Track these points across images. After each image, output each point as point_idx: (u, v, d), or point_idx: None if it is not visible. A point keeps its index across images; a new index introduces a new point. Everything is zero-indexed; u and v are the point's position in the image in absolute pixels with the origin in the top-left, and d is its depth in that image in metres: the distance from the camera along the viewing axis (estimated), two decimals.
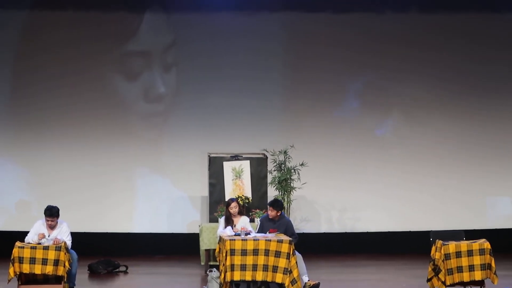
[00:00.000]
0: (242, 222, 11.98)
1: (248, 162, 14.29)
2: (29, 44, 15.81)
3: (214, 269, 11.75)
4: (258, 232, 11.75)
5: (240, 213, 12.20)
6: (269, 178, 14.49)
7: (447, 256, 10.58)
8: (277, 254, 10.65)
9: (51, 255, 10.65)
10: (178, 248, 15.55)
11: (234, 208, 12.08)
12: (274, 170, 14.61)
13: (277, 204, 11.82)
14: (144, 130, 15.99)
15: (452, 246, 10.63)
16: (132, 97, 15.99)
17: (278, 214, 11.76)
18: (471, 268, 10.63)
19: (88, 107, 15.83)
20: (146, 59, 15.99)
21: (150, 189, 15.87)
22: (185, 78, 16.03)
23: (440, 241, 10.70)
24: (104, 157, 15.84)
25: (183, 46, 16.00)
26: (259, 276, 10.65)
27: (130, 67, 15.98)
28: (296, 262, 10.76)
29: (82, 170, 15.78)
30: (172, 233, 15.78)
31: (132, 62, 15.97)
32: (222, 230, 11.75)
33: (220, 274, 10.86)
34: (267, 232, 11.52)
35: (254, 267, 10.64)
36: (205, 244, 13.59)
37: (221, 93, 16.01)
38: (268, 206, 11.92)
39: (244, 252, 10.63)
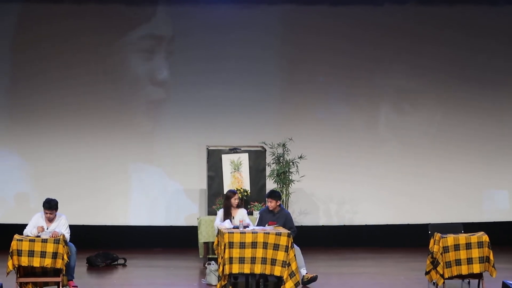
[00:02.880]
0: (240, 214, 11.98)
1: (246, 155, 14.28)
2: (27, 35, 15.76)
3: (213, 262, 11.77)
4: (258, 224, 11.78)
5: (239, 205, 12.22)
6: (268, 171, 14.49)
7: (445, 249, 10.60)
8: (276, 247, 10.66)
9: (50, 248, 10.65)
10: (176, 241, 15.55)
11: (236, 200, 12.10)
12: (273, 163, 14.61)
13: (274, 194, 11.88)
14: (143, 123, 15.96)
15: (450, 239, 10.64)
16: (130, 91, 15.96)
17: (278, 204, 11.80)
18: (470, 261, 10.65)
19: (86, 100, 15.80)
20: (145, 52, 15.95)
21: (148, 182, 15.86)
22: (184, 70, 16.00)
23: (439, 234, 10.72)
24: (102, 150, 15.82)
25: (181, 39, 15.97)
26: (258, 269, 10.66)
27: (127, 60, 15.94)
28: (295, 255, 10.77)
29: (80, 162, 15.76)
30: (171, 226, 15.78)
31: (129, 55, 15.94)
32: (221, 222, 11.75)
33: (219, 267, 10.87)
34: (267, 224, 11.54)
35: (253, 260, 10.65)
36: (203, 237, 13.59)
37: (219, 85, 15.99)
38: (266, 199, 11.93)
39: (242, 245, 10.64)
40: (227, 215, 11.93)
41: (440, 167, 16.15)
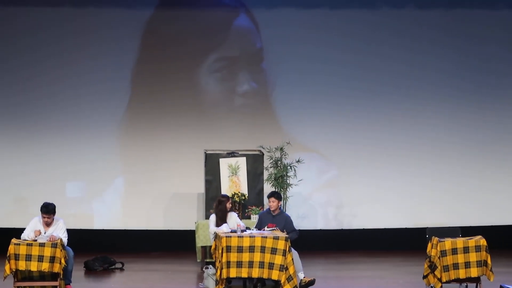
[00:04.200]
0: (233, 218, 11.92)
1: (244, 159, 14.28)
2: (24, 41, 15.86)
3: (210, 266, 11.75)
4: (257, 227, 11.77)
5: (230, 209, 12.22)
6: (265, 175, 14.48)
7: (443, 253, 10.59)
8: (273, 251, 10.65)
9: (47, 252, 10.63)
10: (174, 245, 15.55)
11: (229, 204, 12.08)
12: (271, 167, 14.60)
13: (277, 194, 11.97)
14: (140, 126, 15.96)
15: (448, 243, 10.64)
16: (128, 94, 15.96)
17: (279, 204, 11.82)
18: (467, 265, 10.64)
19: (84, 105, 15.82)
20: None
21: (146, 186, 15.85)
22: (182, 75, 16.01)
23: (436, 238, 10.71)
24: (100, 154, 15.83)
25: (179, 43, 16.01)
26: (255, 273, 10.65)
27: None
28: (292, 259, 10.76)
29: (78, 166, 15.77)
30: (168, 230, 15.77)
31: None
32: (217, 227, 11.70)
33: (216, 271, 10.86)
34: (266, 227, 11.53)
35: (250, 264, 10.64)
36: (201, 241, 13.58)
37: (217, 89, 16.00)
38: (268, 198, 11.92)
39: (240, 249, 10.63)
40: (223, 220, 11.88)
41: (438, 171, 16.16)
